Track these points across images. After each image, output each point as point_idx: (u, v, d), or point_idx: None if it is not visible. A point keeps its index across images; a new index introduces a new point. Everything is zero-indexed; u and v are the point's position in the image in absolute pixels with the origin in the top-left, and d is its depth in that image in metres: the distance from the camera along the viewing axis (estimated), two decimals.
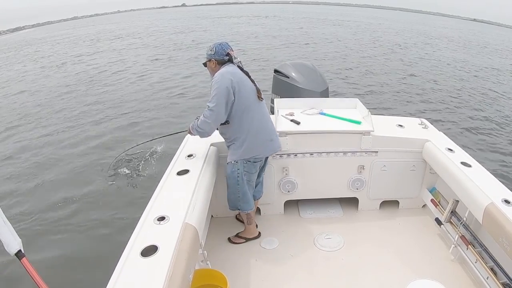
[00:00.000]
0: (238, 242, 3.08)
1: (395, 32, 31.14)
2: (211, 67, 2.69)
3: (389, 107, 9.08)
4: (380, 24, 40.32)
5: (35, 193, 5.44)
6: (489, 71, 15.05)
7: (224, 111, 2.52)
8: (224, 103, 2.50)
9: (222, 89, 2.48)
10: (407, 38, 26.28)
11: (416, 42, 24.12)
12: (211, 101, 2.51)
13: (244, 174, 2.74)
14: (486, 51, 22.74)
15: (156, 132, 6.80)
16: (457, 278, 2.66)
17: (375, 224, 3.33)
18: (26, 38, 37.03)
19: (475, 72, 14.58)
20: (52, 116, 9.01)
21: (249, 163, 2.72)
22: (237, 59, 2.69)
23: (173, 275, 1.68)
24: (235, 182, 2.77)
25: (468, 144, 6.74)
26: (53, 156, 6.71)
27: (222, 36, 24.45)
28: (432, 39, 27.08)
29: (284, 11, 62.15)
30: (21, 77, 14.52)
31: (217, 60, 2.64)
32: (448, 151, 2.96)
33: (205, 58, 2.70)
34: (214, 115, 2.51)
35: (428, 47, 21.63)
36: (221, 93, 2.48)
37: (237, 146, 2.68)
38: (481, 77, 13.66)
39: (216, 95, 2.49)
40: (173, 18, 49.31)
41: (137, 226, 2.03)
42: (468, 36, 34.23)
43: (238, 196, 2.83)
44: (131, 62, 15.85)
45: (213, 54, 2.63)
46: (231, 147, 2.75)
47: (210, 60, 2.67)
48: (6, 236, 1.52)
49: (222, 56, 2.63)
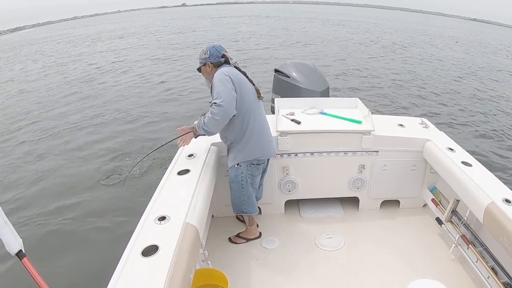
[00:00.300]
0: (239, 242, 3.08)
1: (396, 31, 31.13)
2: (206, 71, 2.62)
3: (390, 107, 9.08)
4: (380, 24, 40.31)
5: (35, 192, 5.44)
6: (491, 70, 15.04)
7: (233, 106, 2.43)
8: (233, 98, 2.42)
9: (228, 85, 2.41)
10: (408, 38, 26.27)
11: (417, 41, 24.10)
12: (217, 98, 2.37)
13: (248, 177, 2.72)
14: (487, 51, 22.72)
15: (161, 137, 6.83)
16: (458, 277, 2.65)
17: (375, 224, 3.33)
18: (26, 38, 37.04)
19: (476, 71, 14.57)
20: (51, 117, 9.03)
21: (252, 166, 2.70)
22: (233, 59, 2.64)
23: (174, 275, 1.68)
24: (239, 186, 2.74)
25: (468, 144, 6.72)
26: (53, 156, 6.73)
27: (222, 36, 24.47)
28: (433, 39, 27.08)
29: (284, 11, 62.15)
30: (22, 77, 14.55)
31: (213, 63, 2.58)
32: (448, 151, 2.95)
33: (199, 63, 2.62)
34: (223, 111, 2.37)
35: (429, 47, 21.63)
36: (227, 89, 2.40)
37: (240, 148, 2.65)
38: (482, 76, 13.66)
39: (222, 91, 2.38)
40: (173, 18, 49.29)
41: (138, 226, 2.03)
42: (469, 36, 34.23)
43: (243, 200, 2.80)
44: (132, 62, 15.86)
45: (208, 58, 2.57)
46: (232, 149, 2.71)
47: (205, 64, 2.60)
48: (7, 236, 1.51)
49: (217, 58, 2.57)
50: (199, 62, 2.62)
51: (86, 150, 6.86)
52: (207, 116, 2.44)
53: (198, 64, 2.66)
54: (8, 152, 7.06)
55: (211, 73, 2.59)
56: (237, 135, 2.62)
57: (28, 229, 4.47)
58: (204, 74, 2.65)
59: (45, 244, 4.18)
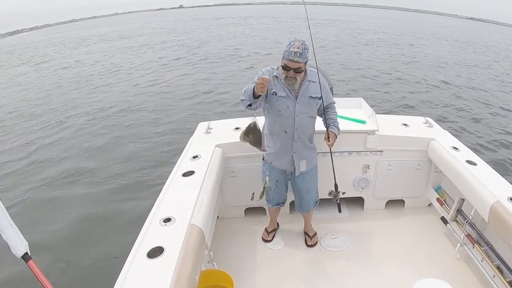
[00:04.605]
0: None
1: (396, 31, 31.09)
2: (304, 68, 2.42)
3: (394, 106, 9.04)
4: (379, 23, 40.26)
5: (42, 194, 5.46)
6: (494, 68, 14.97)
7: None
8: None
9: None
10: (408, 37, 26.21)
11: (417, 41, 24.05)
12: (333, 98, 2.69)
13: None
14: (489, 50, 22.61)
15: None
16: (463, 277, 2.64)
17: (380, 224, 3.32)
18: (25, 40, 37.13)
19: (479, 70, 14.51)
20: (54, 118, 9.06)
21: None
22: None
23: (180, 276, 1.68)
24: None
25: (473, 142, 6.69)
26: (53, 156, 6.75)
27: (220, 37, 24.46)
28: (433, 38, 27.01)
29: (283, 12, 62.16)
30: (24, 81, 14.60)
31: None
32: (453, 150, 2.94)
33: (304, 61, 2.33)
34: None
35: (428, 46, 21.56)
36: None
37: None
38: (486, 75, 13.59)
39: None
40: (171, 20, 49.28)
41: (143, 227, 2.03)
42: (469, 35, 34.06)
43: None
44: (134, 65, 15.88)
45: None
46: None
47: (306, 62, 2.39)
48: (12, 239, 1.52)
49: None
50: (304, 61, 2.33)
51: (90, 150, 6.89)
52: (337, 116, 2.67)
53: (302, 61, 2.31)
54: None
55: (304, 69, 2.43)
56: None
57: (30, 230, 4.48)
58: (301, 74, 2.39)
59: (51, 246, 4.18)
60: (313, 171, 2.79)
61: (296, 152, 2.61)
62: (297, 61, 2.28)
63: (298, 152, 2.61)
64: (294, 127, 2.50)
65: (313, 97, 2.48)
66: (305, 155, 2.64)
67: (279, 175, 2.76)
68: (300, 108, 2.45)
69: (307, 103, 2.47)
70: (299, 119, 2.46)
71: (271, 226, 3.20)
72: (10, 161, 6.77)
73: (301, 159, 2.64)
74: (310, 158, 2.70)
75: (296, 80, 2.38)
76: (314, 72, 2.50)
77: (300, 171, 2.69)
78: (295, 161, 2.64)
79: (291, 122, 2.49)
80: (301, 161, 2.65)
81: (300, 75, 2.38)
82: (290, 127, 2.51)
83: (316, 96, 2.48)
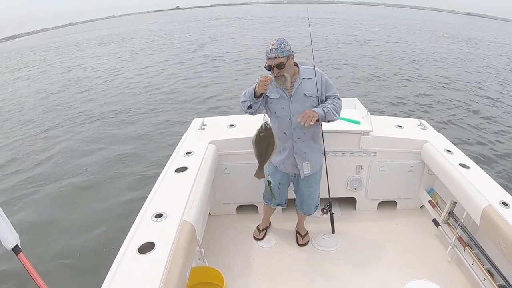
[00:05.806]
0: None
1: (394, 30, 31.08)
2: (290, 64, 2.36)
3: (388, 107, 9.06)
4: (377, 22, 40.28)
5: (35, 189, 5.44)
6: (492, 72, 15.02)
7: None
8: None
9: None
10: (406, 36, 26.21)
11: (415, 40, 24.07)
12: (336, 91, 2.50)
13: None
14: (488, 48, 22.64)
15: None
16: (454, 279, 2.66)
17: (372, 225, 3.34)
18: (24, 45, 36.77)
19: (476, 72, 14.54)
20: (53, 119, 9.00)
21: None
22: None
23: (170, 272, 1.67)
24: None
25: (467, 146, 6.74)
26: (51, 156, 6.72)
27: (221, 37, 24.41)
28: (432, 37, 27.05)
29: (279, 11, 62.04)
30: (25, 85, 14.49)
31: (293, 56, 2.38)
32: (446, 153, 2.96)
33: (283, 56, 2.28)
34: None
35: (427, 45, 21.59)
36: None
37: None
38: (482, 77, 13.63)
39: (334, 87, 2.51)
40: (168, 21, 48.98)
41: (135, 223, 2.02)
42: (468, 33, 34.10)
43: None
44: (134, 66, 15.82)
45: (291, 49, 2.32)
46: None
47: (291, 57, 2.34)
48: (3, 231, 1.50)
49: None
50: (284, 55, 2.27)
51: (87, 149, 6.88)
52: (336, 105, 2.43)
53: (280, 56, 2.27)
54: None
55: (292, 65, 2.40)
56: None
57: (23, 224, 4.46)
58: (287, 68, 2.33)
59: (42, 240, 4.17)
60: (317, 176, 2.74)
61: (298, 153, 2.55)
62: (275, 57, 2.26)
63: (300, 153, 2.55)
64: (292, 128, 2.46)
65: (307, 95, 2.41)
66: (308, 156, 2.57)
67: (282, 178, 2.73)
68: (296, 107, 2.41)
69: (302, 101, 2.41)
70: (296, 118, 2.38)
71: (263, 224, 3.20)
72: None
73: (304, 161, 2.58)
74: (314, 160, 2.62)
75: (285, 78, 2.34)
76: (309, 70, 2.46)
77: (304, 174, 2.62)
78: (298, 163, 2.57)
79: (287, 123, 2.45)
80: (305, 163, 2.58)
81: (285, 70, 2.32)
82: (287, 128, 2.48)
83: (311, 93, 2.42)
